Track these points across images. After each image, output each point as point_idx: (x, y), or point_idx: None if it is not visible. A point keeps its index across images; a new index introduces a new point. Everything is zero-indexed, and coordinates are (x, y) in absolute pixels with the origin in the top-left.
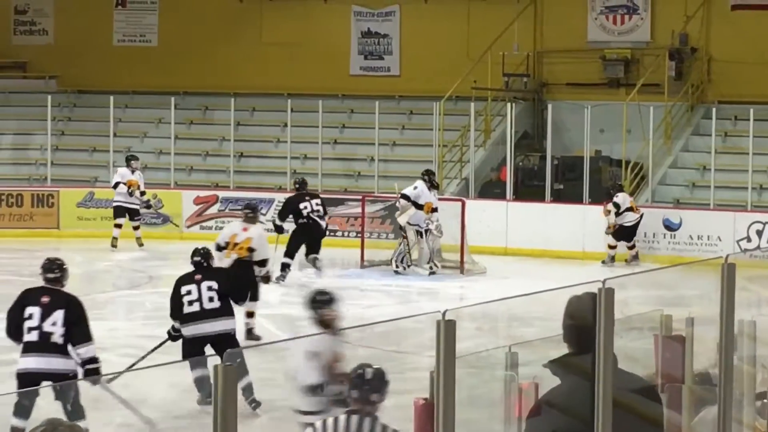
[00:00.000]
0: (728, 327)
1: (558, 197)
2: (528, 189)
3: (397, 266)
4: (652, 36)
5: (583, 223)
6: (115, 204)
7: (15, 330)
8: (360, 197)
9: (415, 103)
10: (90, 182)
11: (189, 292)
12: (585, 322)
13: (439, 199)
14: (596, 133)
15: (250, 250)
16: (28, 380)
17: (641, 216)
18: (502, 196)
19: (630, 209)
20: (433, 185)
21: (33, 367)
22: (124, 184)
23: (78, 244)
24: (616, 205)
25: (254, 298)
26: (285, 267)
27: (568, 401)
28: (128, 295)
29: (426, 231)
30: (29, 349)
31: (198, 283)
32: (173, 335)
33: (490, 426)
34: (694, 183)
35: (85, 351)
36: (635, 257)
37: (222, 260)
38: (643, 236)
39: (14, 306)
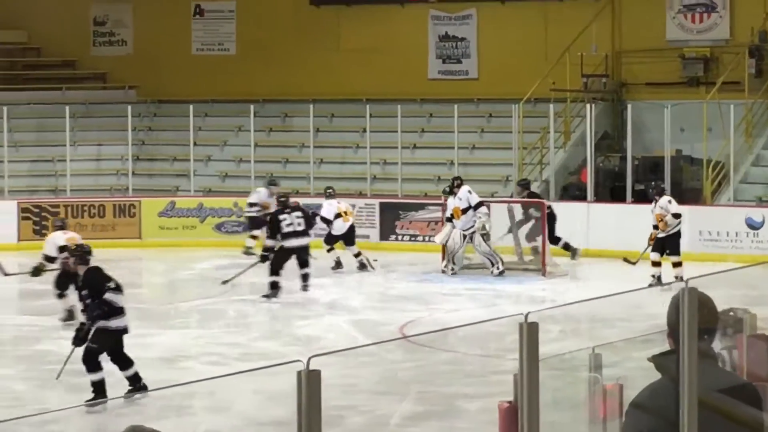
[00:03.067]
0: None
1: (639, 198)
2: (609, 190)
3: (446, 266)
4: (731, 34)
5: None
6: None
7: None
8: (440, 201)
9: (493, 106)
10: (171, 191)
11: (284, 219)
12: (701, 318)
13: (518, 201)
14: (676, 133)
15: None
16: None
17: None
18: (582, 197)
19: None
20: (452, 192)
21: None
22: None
23: (160, 253)
24: (677, 216)
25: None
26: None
27: (660, 399)
28: (211, 303)
29: (472, 235)
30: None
31: (289, 213)
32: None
33: (575, 428)
34: None
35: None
36: (682, 277)
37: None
38: (726, 235)
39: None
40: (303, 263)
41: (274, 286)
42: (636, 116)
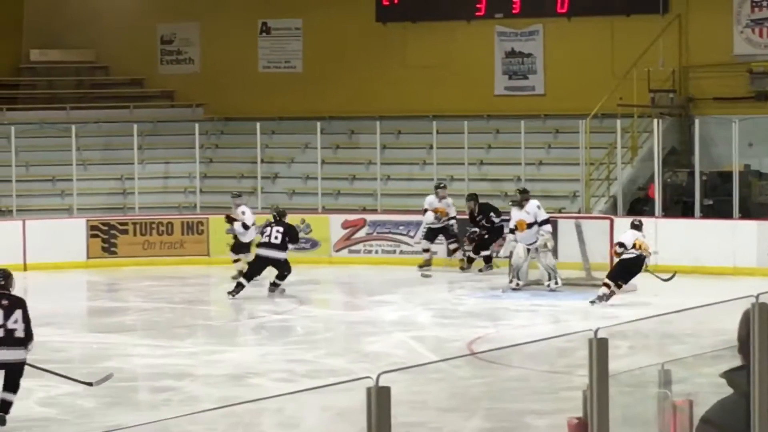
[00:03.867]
0: None
1: (707, 213)
2: (677, 205)
3: (511, 281)
4: None
5: (734, 239)
6: None
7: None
8: (508, 217)
9: (560, 122)
10: None
11: (266, 231)
12: None
13: (585, 217)
14: (745, 147)
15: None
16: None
17: (641, 257)
18: (650, 213)
19: (634, 246)
20: (520, 204)
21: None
22: None
23: (228, 270)
24: (621, 245)
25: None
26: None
27: (731, 414)
28: (279, 320)
29: (536, 249)
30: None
31: (272, 226)
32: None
33: None
34: None
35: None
36: (607, 295)
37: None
38: None
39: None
40: (279, 276)
41: (238, 286)
42: (704, 131)
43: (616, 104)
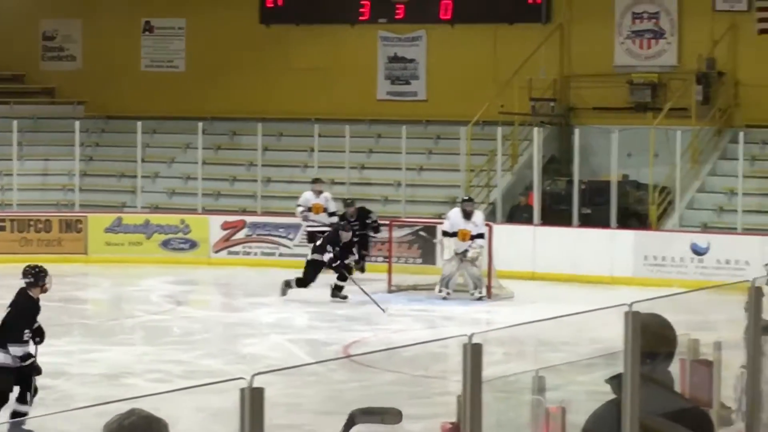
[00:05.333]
0: (756, 351)
1: (585, 221)
2: (555, 213)
3: (440, 290)
4: (678, 60)
5: (611, 248)
6: None
7: None
8: (387, 222)
9: (442, 128)
10: (118, 208)
11: None
12: (645, 342)
13: None
14: (624, 158)
15: None
16: None
17: None
18: (529, 220)
19: None
20: (466, 213)
21: None
22: None
23: (106, 269)
24: None
25: None
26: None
27: (604, 423)
28: (156, 320)
29: (464, 259)
30: None
31: None
32: None
33: None
34: (722, 207)
35: None
36: None
37: None
38: (671, 260)
39: None
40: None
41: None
42: (583, 140)
43: (498, 112)
